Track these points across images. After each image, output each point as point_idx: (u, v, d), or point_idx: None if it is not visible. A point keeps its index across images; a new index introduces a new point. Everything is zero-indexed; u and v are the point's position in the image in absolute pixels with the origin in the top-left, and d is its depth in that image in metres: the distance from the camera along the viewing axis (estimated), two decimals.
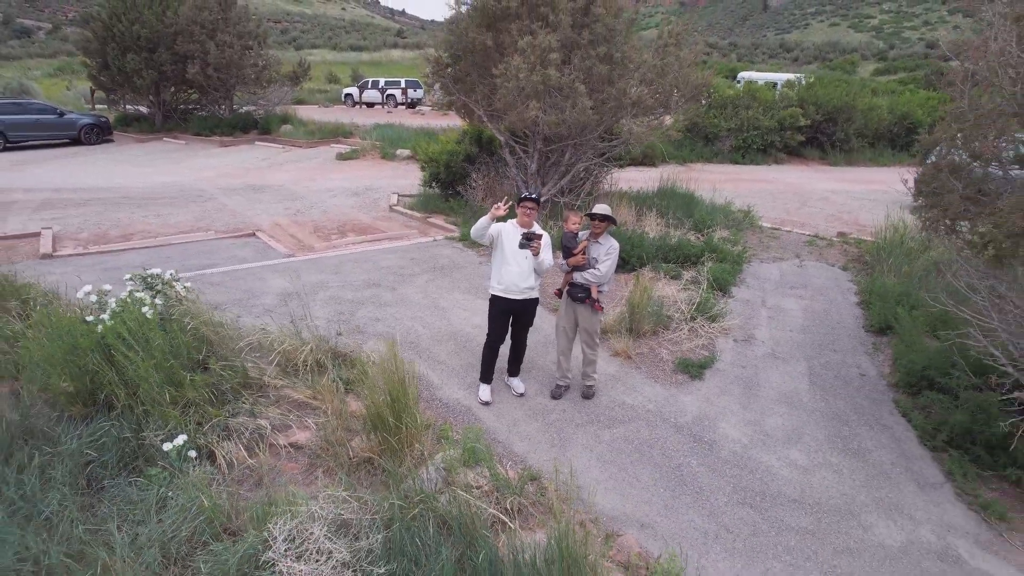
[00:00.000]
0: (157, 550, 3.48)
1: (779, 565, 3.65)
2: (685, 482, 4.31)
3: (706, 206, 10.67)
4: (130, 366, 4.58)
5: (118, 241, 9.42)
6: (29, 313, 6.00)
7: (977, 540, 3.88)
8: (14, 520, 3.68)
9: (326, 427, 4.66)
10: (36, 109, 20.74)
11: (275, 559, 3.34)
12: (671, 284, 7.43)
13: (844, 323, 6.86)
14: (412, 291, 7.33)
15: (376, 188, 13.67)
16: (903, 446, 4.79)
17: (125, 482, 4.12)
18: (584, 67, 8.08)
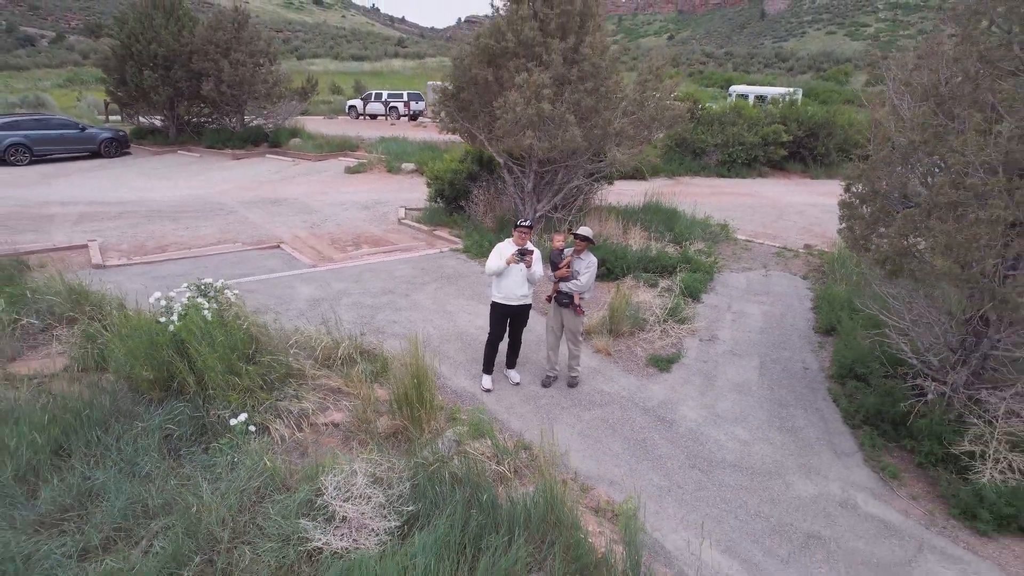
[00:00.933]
0: (234, 498, 4.53)
1: (716, 511, 4.71)
2: (647, 451, 5.38)
3: (686, 220, 11.76)
4: (199, 358, 5.65)
5: (155, 252, 10.50)
6: (102, 316, 7.08)
7: (872, 493, 4.94)
8: (122, 475, 4.75)
9: (357, 409, 5.72)
10: (59, 124, 21.85)
11: (328, 502, 4.41)
12: (648, 291, 8.51)
13: (797, 325, 7.94)
14: (423, 297, 8.41)
15: (384, 202, 14.76)
16: (829, 425, 5.86)
17: (199, 451, 5.18)
18: (573, 100, 9.18)
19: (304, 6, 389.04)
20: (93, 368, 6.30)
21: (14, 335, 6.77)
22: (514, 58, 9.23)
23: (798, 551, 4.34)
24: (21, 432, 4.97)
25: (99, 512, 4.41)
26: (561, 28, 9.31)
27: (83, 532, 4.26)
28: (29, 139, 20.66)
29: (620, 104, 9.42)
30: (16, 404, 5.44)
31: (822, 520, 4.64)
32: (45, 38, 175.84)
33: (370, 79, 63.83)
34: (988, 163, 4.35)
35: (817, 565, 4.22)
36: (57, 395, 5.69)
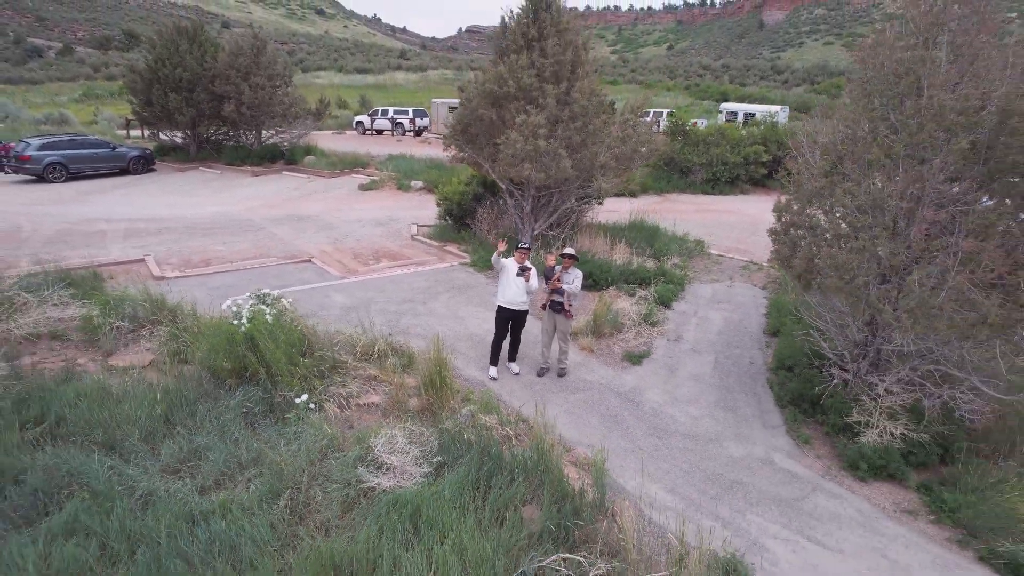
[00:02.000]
0: (304, 455, 6.08)
1: (667, 466, 6.26)
2: (618, 424, 6.93)
3: (667, 237, 13.34)
4: (267, 352, 7.22)
5: (202, 266, 12.07)
6: (177, 319, 8.65)
7: (787, 453, 6.50)
8: (217, 439, 6.30)
9: (391, 392, 7.28)
10: (91, 144, 23.49)
11: (378, 455, 5.97)
12: (627, 300, 10.08)
13: (750, 329, 9.51)
14: (438, 305, 9.99)
15: (397, 219, 16.36)
16: (763, 405, 7.42)
17: (270, 423, 6.73)
18: (565, 136, 10.78)
19: (306, 16, 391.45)
20: (177, 361, 7.86)
21: (110, 335, 8.33)
22: (514, 101, 10.84)
23: (724, 492, 5.89)
24: (140, 407, 6.54)
25: (205, 464, 5.97)
26: (555, 75, 10.93)
27: (196, 477, 5.81)
28: (66, 158, 22.29)
29: (605, 140, 11.02)
30: (128, 388, 7.01)
31: (745, 472, 6.20)
32: (52, 49, 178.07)
33: (374, 93, 65.66)
34: (861, 206, 5.93)
35: (737, 501, 5.77)
36: (152, 382, 7.27)
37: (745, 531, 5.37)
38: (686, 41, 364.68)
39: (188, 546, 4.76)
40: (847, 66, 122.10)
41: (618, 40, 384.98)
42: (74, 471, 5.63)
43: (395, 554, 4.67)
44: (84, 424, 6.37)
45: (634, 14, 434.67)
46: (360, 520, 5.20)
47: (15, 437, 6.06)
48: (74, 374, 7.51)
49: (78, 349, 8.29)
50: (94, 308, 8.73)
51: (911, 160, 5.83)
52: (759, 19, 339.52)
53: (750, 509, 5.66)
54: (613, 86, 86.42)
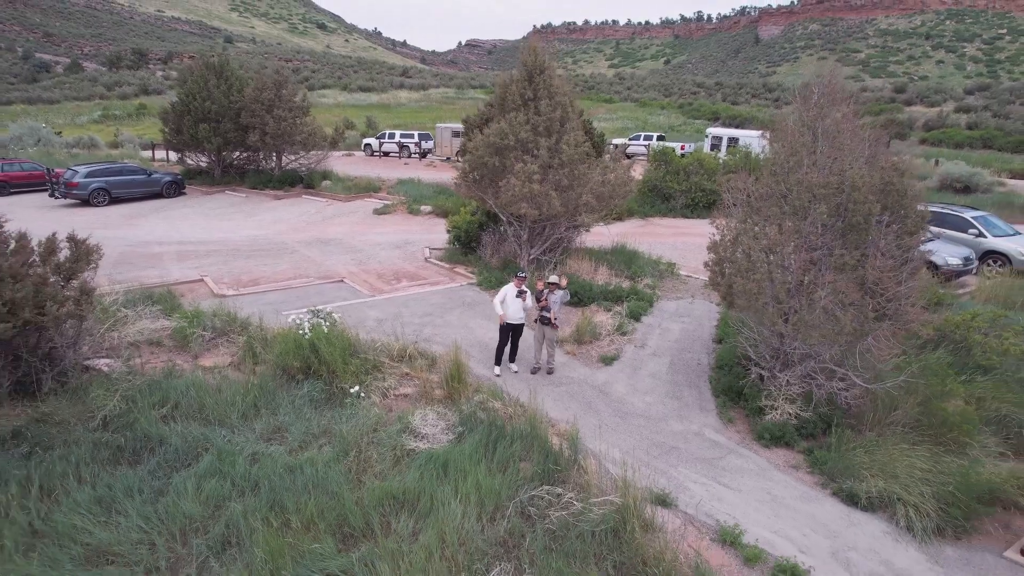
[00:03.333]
0: (359, 429, 8.39)
1: (624, 436, 8.57)
2: (591, 408, 9.25)
3: (643, 260, 15.69)
4: (326, 354, 9.55)
5: (251, 284, 14.41)
6: (247, 329, 10.97)
7: (715, 429, 8.82)
8: (295, 418, 8.61)
9: (420, 386, 9.60)
10: (130, 171, 25.93)
11: (415, 427, 8.30)
12: (605, 314, 12.42)
13: (702, 337, 11.85)
14: (452, 318, 12.34)
15: (412, 242, 18.74)
16: (702, 395, 9.75)
17: (331, 408, 9.04)
18: (555, 180, 13.17)
19: (308, 31, 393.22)
20: (252, 362, 10.18)
21: (196, 341, 10.66)
22: (514, 150, 13.23)
23: (664, 454, 8.21)
24: (235, 395, 8.87)
25: (289, 435, 8.28)
26: (547, 129, 13.33)
27: (284, 443, 8.11)
28: (108, 184, 24.71)
29: (588, 184, 13.41)
30: (221, 382, 9.33)
31: (682, 440, 8.52)
32: (60, 64, 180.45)
33: (379, 112, 68.25)
34: (763, 248, 8.30)
35: (672, 460, 8.08)
36: (234, 378, 9.60)
37: (675, 479, 7.69)
38: (683, 55, 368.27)
39: (291, 485, 7.06)
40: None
41: (616, 54, 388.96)
42: (200, 438, 7.95)
43: (432, 488, 6.97)
44: (197, 407, 8.69)
45: (632, 28, 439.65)
46: (406, 469, 7.50)
47: (152, 415, 8.38)
48: (174, 371, 9.83)
49: (172, 352, 10.62)
50: (183, 320, 11.07)
51: (795, 216, 8.21)
52: (755, 34, 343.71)
53: (681, 465, 7.99)
54: (609, 104, 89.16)
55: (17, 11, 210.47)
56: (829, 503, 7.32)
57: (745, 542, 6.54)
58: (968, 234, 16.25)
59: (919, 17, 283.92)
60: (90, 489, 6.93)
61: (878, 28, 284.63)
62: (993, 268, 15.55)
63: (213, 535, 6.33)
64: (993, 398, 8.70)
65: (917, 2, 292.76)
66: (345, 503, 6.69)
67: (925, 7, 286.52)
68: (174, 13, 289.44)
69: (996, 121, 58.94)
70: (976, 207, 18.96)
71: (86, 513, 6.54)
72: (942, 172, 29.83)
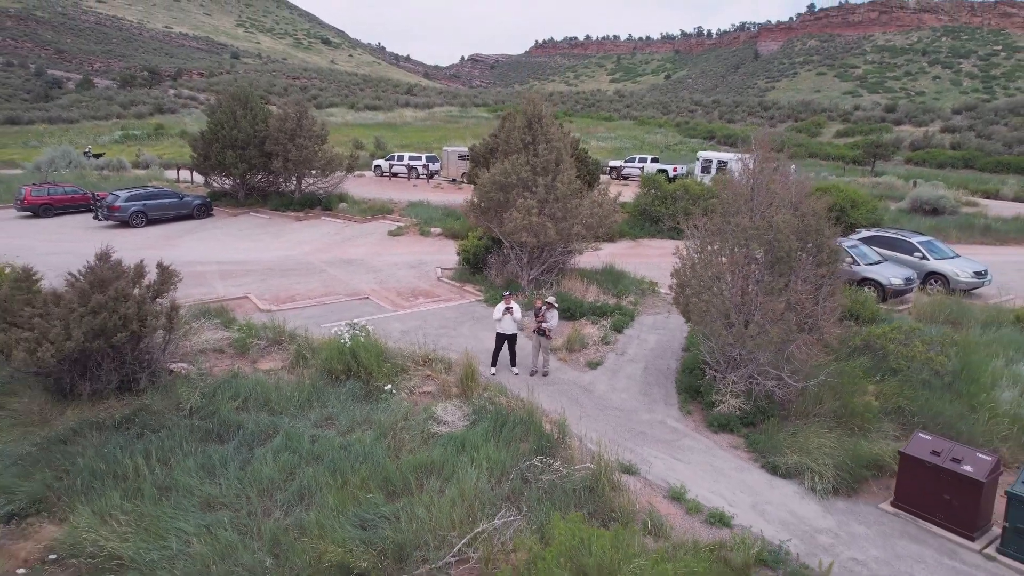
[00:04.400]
0: (393, 418, 10.65)
1: (603, 424, 10.82)
2: (577, 402, 11.50)
3: (629, 279, 17.95)
4: (364, 359, 11.82)
5: (289, 301, 16.68)
6: (297, 339, 13.23)
7: (675, 419, 11.06)
8: (341, 410, 10.87)
9: (440, 385, 11.86)
10: (164, 195, 28.36)
11: (438, 416, 10.56)
12: (592, 327, 14.69)
13: (673, 346, 14.10)
14: (464, 330, 14.62)
15: (425, 262, 21.04)
16: (668, 393, 11.99)
17: (367, 402, 11.30)
18: (551, 212, 15.49)
19: (313, 46, 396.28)
20: (301, 366, 12.43)
21: (254, 349, 12.93)
22: (516, 188, 15.57)
23: (633, 437, 10.44)
24: (292, 392, 11.13)
25: (338, 423, 10.54)
26: (544, 169, 15.68)
27: (335, 428, 10.36)
28: (146, 207, 27.12)
29: (579, 216, 15.73)
30: (278, 381, 11.60)
31: (648, 427, 10.76)
32: (71, 80, 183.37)
33: (385, 131, 70.82)
34: (712, 275, 10.58)
35: (639, 441, 10.31)
36: (288, 378, 11.87)
37: (640, 455, 9.93)
38: (683, 71, 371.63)
39: (345, 456, 9.29)
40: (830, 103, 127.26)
41: (617, 69, 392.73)
42: (269, 424, 10.21)
43: (453, 459, 9.20)
44: (263, 400, 10.96)
45: (633, 43, 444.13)
46: (432, 446, 9.74)
47: (229, 406, 10.64)
48: (238, 374, 12.09)
49: (233, 358, 12.90)
50: (241, 332, 13.36)
51: (735, 251, 10.49)
52: (754, 49, 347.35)
53: (646, 445, 10.23)
54: (608, 122, 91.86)
55: (30, 28, 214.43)
56: (757, 473, 9.56)
57: (688, 498, 8.77)
58: (913, 257, 18.54)
59: (916, 34, 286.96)
60: (194, 459, 9.19)
61: (875, 44, 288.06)
62: (934, 287, 17.80)
63: (291, 491, 8.58)
64: (896, 394, 10.94)
65: (913, 19, 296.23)
66: (388, 469, 8.93)
67: (921, 24, 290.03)
68: (182, 29, 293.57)
69: (979, 141, 61.44)
70: (923, 232, 21.27)
71: (194, 476, 8.80)
72: (913, 195, 32.14)
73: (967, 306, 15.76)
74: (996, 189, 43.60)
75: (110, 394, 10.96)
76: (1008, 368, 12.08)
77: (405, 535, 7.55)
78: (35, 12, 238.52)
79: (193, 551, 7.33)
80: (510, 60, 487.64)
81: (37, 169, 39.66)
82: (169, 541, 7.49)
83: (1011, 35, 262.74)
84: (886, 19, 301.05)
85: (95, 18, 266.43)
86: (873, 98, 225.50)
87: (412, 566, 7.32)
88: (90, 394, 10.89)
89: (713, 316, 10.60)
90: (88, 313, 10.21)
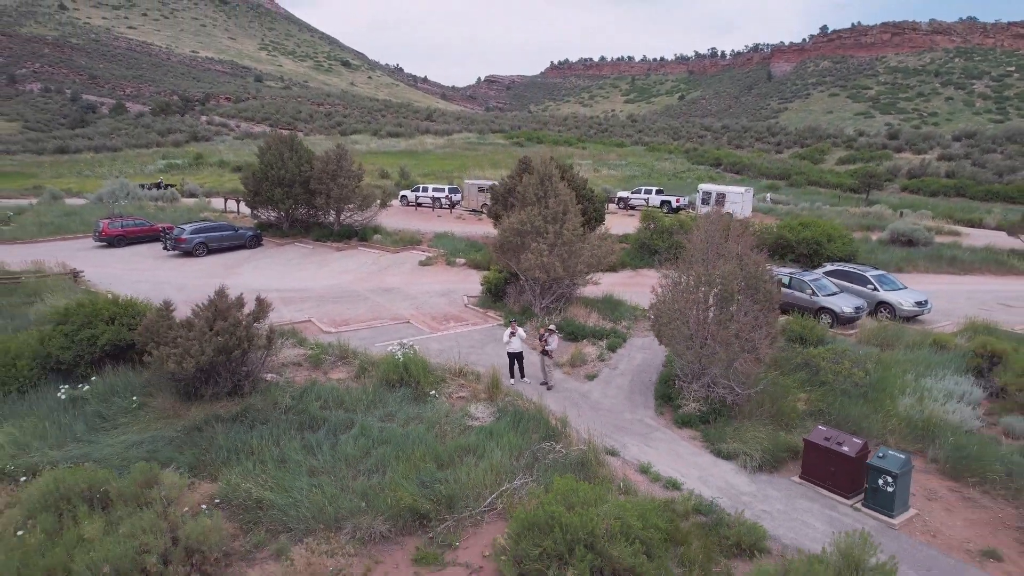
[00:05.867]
0: (438, 414, 14.23)
1: (595, 421, 14.30)
2: (576, 405, 15.02)
3: (624, 307, 21.46)
4: (414, 370, 15.46)
5: (344, 324, 20.35)
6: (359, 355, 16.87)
7: (651, 418, 14.54)
8: (399, 408, 14.50)
9: (471, 391, 15.43)
10: (222, 228, 32.40)
11: (471, 413, 14.15)
12: (591, 347, 18.20)
13: (655, 363, 17.56)
14: (488, 349, 18.20)
15: (453, 291, 24.70)
16: (647, 399, 15.47)
17: (416, 404, 14.92)
18: (559, 254, 19.10)
19: (332, 68, 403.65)
20: (364, 376, 16.04)
21: (326, 363, 16.58)
22: (530, 234, 19.21)
23: (618, 430, 13.93)
24: (360, 395, 14.77)
25: (397, 418, 14.15)
26: (554, 218, 19.32)
27: (395, 422, 13.97)
28: (207, 239, 31.15)
29: (582, 256, 19.32)
30: (348, 388, 15.24)
31: (629, 424, 14.24)
32: (104, 105, 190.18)
33: (407, 159, 75.12)
34: (676, 309, 14.11)
35: (621, 433, 13.78)
36: (354, 386, 15.51)
37: (621, 442, 13.40)
38: (697, 91, 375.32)
39: (406, 441, 12.86)
40: (835, 129, 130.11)
41: (631, 90, 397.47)
42: (346, 418, 13.82)
43: (484, 443, 12.74)
44: (339, 402, 14.58)
45: (647, 64, 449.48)
46: (468, 435, 13.29)
47: (314, 405, 14.28)
48: (316, 382, 15.73)
49: (309, 370, 16.56)
50: (315, 350, 17.04)
51: (693, 292, 14.02)
52: (767, 70, 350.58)
53: (626, 436, 13.70)
54: (620, 148, 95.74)
55: (65, 55, 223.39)
56: (706, 456, 13.00)
57: (652, 472, 12.23)
58: (867, 288, 21.90)
59: (928, 55, 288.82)
60: (296, 442, 12.80)
61: (888, 65, 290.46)
62: (883, 315, 21.12)
63: (369, 464, 12.14)
64: (820, 400, 14.35)
65: (926, 40, 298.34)
66: (437, 450, 12.49)
67: (934, 45, 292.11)
68: (208, 54, 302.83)
69: (973, 170, 64.32)
70: (878, 267, 24.60)
71: (299, 453, 12.40)
72: (892, 227, 35.37)
73: (903, 330, 19.09)
74: (980, 218, 46.48)
75: (224, 396, 14.62)
76: (915, 381, 15.41)
77: (453, 491, 11.09)
78: (70, 39, 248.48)
79: (310, 499, 10.92)
80: (526, 81, 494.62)
81: (99, 200, 44.08)
82: (292, 493, 11.09)
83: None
84: (899, 40, 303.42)
85: (126, 43, 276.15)
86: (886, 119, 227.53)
87: (458, 511, 10.86)
88: (210, 396, 14.57)
89: (679, 340, 14.11)
90: (215, 335, 13.94)
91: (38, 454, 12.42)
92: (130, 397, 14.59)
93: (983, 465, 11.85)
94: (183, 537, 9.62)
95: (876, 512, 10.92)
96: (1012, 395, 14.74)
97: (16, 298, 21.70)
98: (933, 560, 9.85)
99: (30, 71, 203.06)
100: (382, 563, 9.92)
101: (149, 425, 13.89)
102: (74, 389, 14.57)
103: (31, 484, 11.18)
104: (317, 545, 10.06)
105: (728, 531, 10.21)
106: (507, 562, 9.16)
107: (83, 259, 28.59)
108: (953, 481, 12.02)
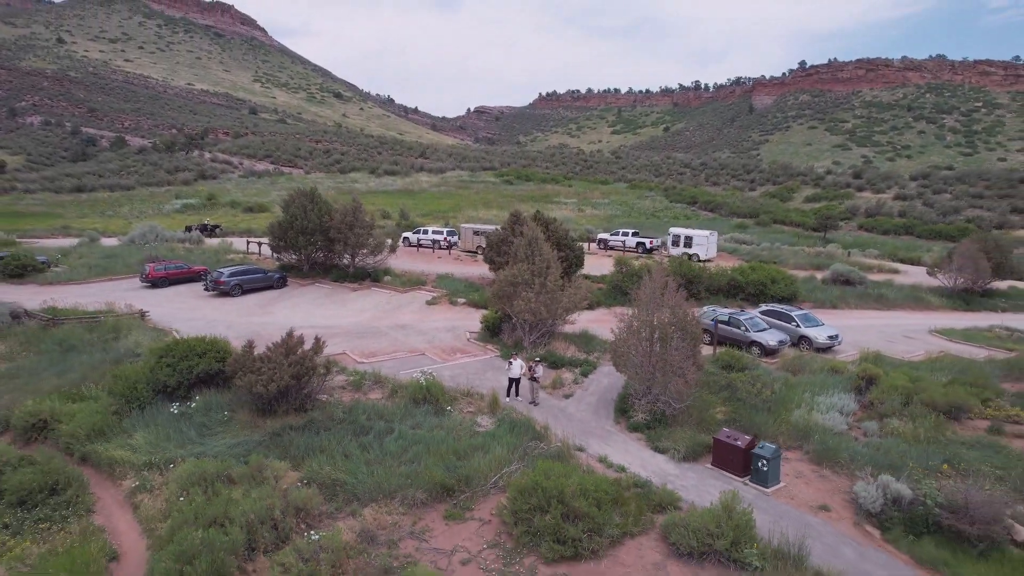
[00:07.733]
0: (453, 424, 19.32)
1: (570, 428, 19.41)
2: (555, 417, 20.13)
3: (597, 341, 26.64)
4: (435, 392, 20.56)
5: (370, 356, 25.36)
6: (388, 381, 21.90)
7: (610, 426, 19.67)
8: (424, 419, 19.59)
9: (476, 407, 20.51)
10: (254, 271, 37.46)
11: (478, 422, 19.26)
12: (568, 373, 23.33)
13: (618, 386, 22.67)
14: (489, 375, 23.31)
15: (457, 327, 29.82)
16: (609, 411, 20.61)
17: (437, 416, 20.02)
18: (543, 300, 24.34)
19: (325, 100, 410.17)
20: (395, 396, 21.06)
21: (366, 386, 21.58)
22: (520, 284, 24.45)
23: (585, 434, 19.03)
24: (395, 410, 19.86)
25: (423, 426, 19.23)
26: (539, 272, 24.59)
27: (422, 428, 19.04)
28: (242, 281, 36.18)
29: (562, 302, 24.54)
30: (385, 405, 20.31)
31: (594, 430, 19.35)
32: (104, 139, 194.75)
33: (405, 198, 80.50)
34: (628, 345, 19.34)
35: (588, 436, 18.87)
36: (387, 404, 20.59)
37: (587, 442, 18.50)
38: (681, 123, 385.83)
39: (433, 441, 17.92)
40: (806, 167, 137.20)
41: (618, 121, 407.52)
42: (387, 426, 18.89)
43: (488, 443, 17.84)
44: (379, 414, 19.64)
45: (633, 96, 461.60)
46: (476, 437, 18.36)
47: (361, 417, 19.34)
48: (360, 401, 20.75)
49: (352, 392, 21.57)
50: (356, 376, 22.07)
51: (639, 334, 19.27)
52: (749, 103, 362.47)
53: (591, 438, 18.80)
54: (604, 186, 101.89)
55: (64, 88, 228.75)
56: (648, 451, 18.12)
57: (608, 461, 17.30)
58: (791, 325, 27.28)
59: (901, 90, 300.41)
60: (354, 443, 17.81)
61: (863, 100, 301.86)
62: (802, 347, 26.45)
63: (408, 457, 17.16)
64: (734, 412, 19.54)
65: (899, 76, 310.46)
66: (456, 447, 17.55)
67: (906, 81, 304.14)
68: (203, 86, 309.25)
69: (923, 209, 70.64)
70: (802, 308, 30.05)
71: (356, 450, 17.41)
72: (833, 268, 40.95)
73: (814, 359, 24.43)
74: (919, 256, 52.21)
75: (292, 411, 19.63)
76: (811, 398, 20.63)
77: (469, 473, 16.14)
78: (69, 72, 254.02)
79: (371, 479, 15.90)
80: (514, 112, 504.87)
81: (131, 242, 48.99)
82: (357, 475, 16.07)
83: (990, 92, 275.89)
84: (872, 76, 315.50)
85: (123, 76, 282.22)
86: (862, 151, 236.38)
87: (473, 487, 15.90)
88: (282, 412, 19.55)
89: (630, 367, 19.33)
90: (290, 365, 19.01)
91: (169, 451, 17.36)
92: (222, 412, 19.57)
93: (836, 454, 17.06)
94: (291, 501, 14.64)
95: (757, 486, 16.07)
96: (875, 407, 20.04)
97: (98, 335, 26.59)
98: (785, 511, 15.01)
99: (30, 104, 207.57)
100: (423, 520, 14.91)
101: (239, 432, 18.85)
102: (183, 406, 19.55)
103: (175, 469, 16.16)
104: (379, 508, 15.07)
105: (655, 496, 15.33)
106: (507, 513, 14.25)
107: (136, 298, 33.52)
108: (816, 466, 17.21)
